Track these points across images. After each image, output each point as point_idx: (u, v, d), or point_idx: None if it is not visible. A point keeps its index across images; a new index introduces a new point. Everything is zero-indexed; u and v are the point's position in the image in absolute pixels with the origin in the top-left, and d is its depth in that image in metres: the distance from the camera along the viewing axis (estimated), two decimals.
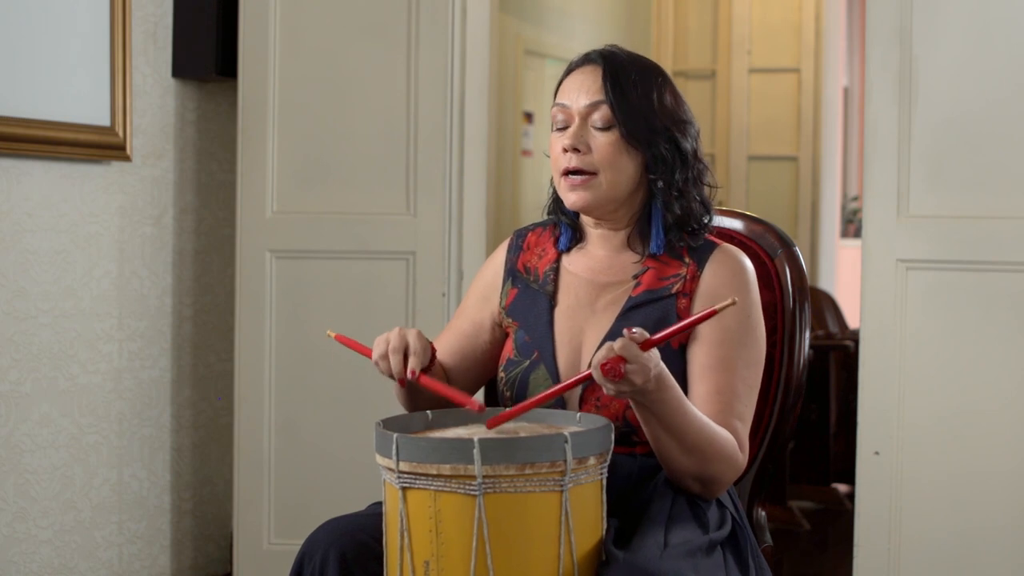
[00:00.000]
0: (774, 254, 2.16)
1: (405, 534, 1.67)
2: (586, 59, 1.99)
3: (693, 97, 7.43)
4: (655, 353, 1.72)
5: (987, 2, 2.91)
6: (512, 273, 2.07)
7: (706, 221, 1.99)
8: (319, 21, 3.45)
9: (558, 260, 2.05)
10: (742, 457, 1.88)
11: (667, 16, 7.54)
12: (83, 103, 3.20)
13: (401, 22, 3.41)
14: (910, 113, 2.95)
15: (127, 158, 3.31)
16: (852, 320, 5.41)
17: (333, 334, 1.94)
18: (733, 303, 1.70)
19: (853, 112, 9.34)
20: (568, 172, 1.94)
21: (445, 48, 3.39)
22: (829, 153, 7.47)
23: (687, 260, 1.96)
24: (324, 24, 3.45)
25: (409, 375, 1.84)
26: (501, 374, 2.01)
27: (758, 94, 7.41)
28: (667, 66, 7.38)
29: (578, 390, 1.92)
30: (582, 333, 1.97)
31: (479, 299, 2.09)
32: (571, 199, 1.95)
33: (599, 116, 1.93)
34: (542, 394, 1.78)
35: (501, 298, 2.07)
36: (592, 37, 6.32)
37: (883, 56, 2.97)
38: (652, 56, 7.29)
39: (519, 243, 2.10)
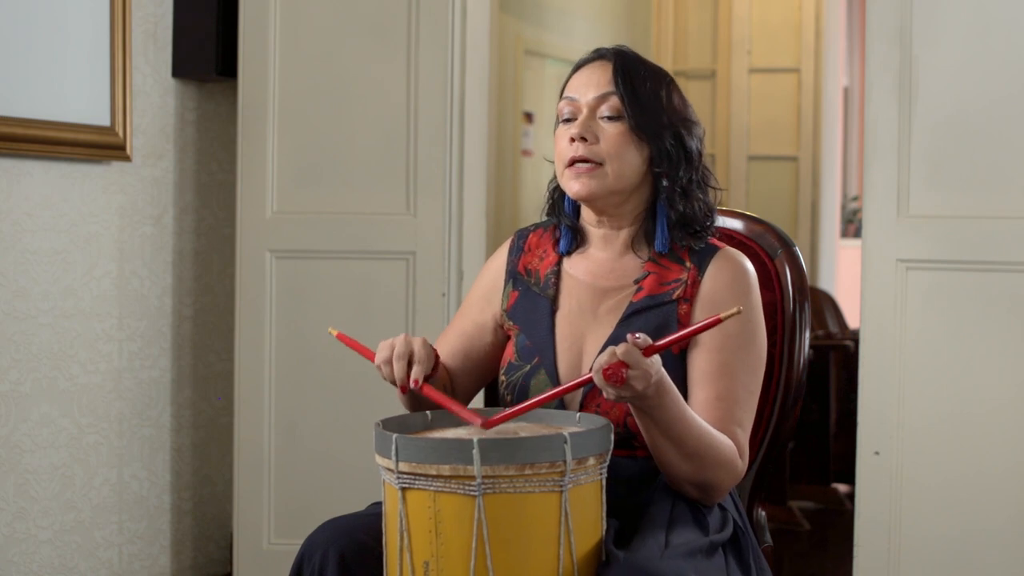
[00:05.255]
0: (774, 254, 2.16)
1: (405, 534, 1.66)
2: (596, 55, 1.98)
3: (693, 97, 7.38)
4: (657, 359, 1.71)
5: (987, 2, 2.91)
6: (513, 275, 2.05)
7: (708, 223, 1.98)
8: (319, 21, 3.45)
9: (559, 263, 2.03)
10: (741, 464, 1.86)
11: (667, 16, 7.53)
12: (83, 103, 3.20)
13: (401, 22, 3.40)
14: (910, 113, 2.95)
15: (127, 158, 3.31)
16: (852, 320, 5.40)
17: (335, 332, 1.91)
18: (738, 312, 1.69)
19: (853, 112, 9.34)
20: (574, 161, 1.93)
21: (445, 48, 3.39)
22: (829, 153, 7.47)
23: (688, 264, 1.95)
24: (324, 24, 3.45)
25: (412, 385, 1.82)
26: (502, 378, 2.00)
27: (758, 94, 7.41)
28: (667, 66, 7.38)
29: (578, 396, 1.91)
30: (583, 338, 1.96)
31: (481, 300, 2.08)
32: (575, 188, 1.93)
33: (608, 107, 1.92)
34: (542, 396, 1.77)
35: (502, 300, 2.05)
36: (592, 37, 6.32)
37: (883, 56, 2.97)
38: (652, 56, 7.30)
39: (520, 244, 2.08)
